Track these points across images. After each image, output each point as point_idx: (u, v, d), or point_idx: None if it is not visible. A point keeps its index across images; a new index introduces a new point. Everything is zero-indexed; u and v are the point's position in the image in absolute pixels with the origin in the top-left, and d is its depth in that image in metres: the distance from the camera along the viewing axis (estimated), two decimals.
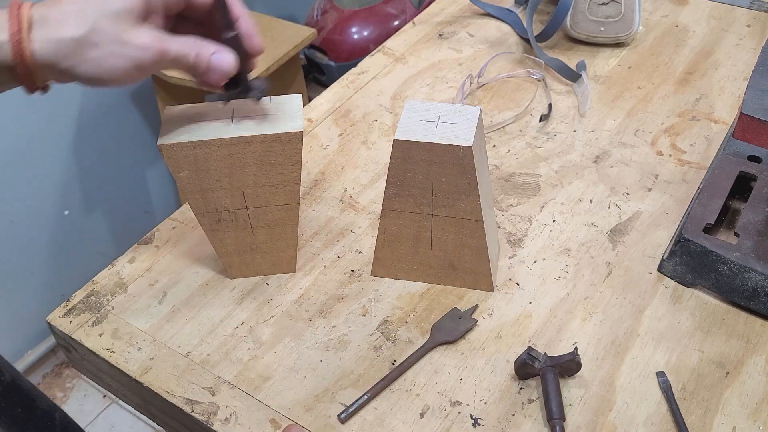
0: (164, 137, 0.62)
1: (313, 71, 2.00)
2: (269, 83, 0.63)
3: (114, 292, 0.74)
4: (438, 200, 0.66)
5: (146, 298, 0.73)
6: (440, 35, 1.10)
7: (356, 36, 1.89)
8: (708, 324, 0.68)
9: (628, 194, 0.82)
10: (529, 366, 0.62)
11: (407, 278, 0.73)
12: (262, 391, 0.64)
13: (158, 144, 0.62)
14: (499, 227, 0.78)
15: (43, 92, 0.56)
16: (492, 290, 0.72)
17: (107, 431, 1.71)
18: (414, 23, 1.13)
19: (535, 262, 0.75)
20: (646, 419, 0.61)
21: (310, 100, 0.99)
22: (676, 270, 0.72)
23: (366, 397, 0.63)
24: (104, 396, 1.77)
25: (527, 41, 1.05)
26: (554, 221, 0.79)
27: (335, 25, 1.90)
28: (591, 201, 0.81)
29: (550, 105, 0.94)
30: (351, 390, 0.64)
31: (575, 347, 0.64)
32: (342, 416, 0.62)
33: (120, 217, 1.86)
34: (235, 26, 0.58)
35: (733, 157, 0.78)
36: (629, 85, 0.98)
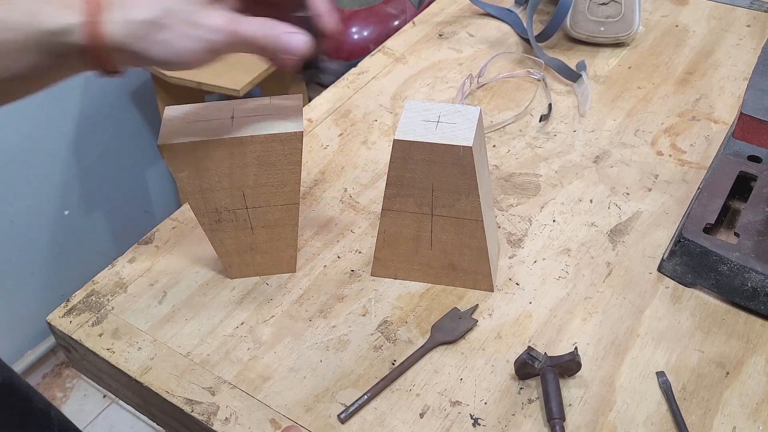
0: (164, 137, 0.62)
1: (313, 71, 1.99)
2: (343, 66, 0.61)
3: (114, 292, 0.74)
4: (438, 200, 0.66)
5: (146, 298, 0.73)
6: (440, 35, 1.10)
7: (356, 36, 1.89)
8: (708, 324, 0.68)
9: (628, 194, 0.82)
10: (529, 366, 0.62)
11: (407, 278, 0.73)
12: (262, 391, 0.64)
13: (158, 144, 0.62)
14: (499, 227, 0.78)
15: (115, 76, 0.54)
16: (492, 290, 0.72)
17: (107, 431, 1.71)
18: (414, 23, 1.13)
19: (535, 262, 0.75)
20: (646, 419, 0.61)
21: (310, 100, 0.99)
22: (676, 270, 0.72)
23: (366, 397, 0.63)
24: (104, 396, 1.77)
25: (527, 41, 1.05)
26: (554, 221, 0.79)
27: None
28: (591, 201, 0.81)
29: (550, 105, 0.94)
30: (351, 390, 0.64)
31: (575, 347, 0.64)
32: (342, 416, 0.62)
33: (120, 217, 1.86)
34: (308, 5, 0.56)
35: (733, 157, 0.78)
36: (629, 85, 0.98)
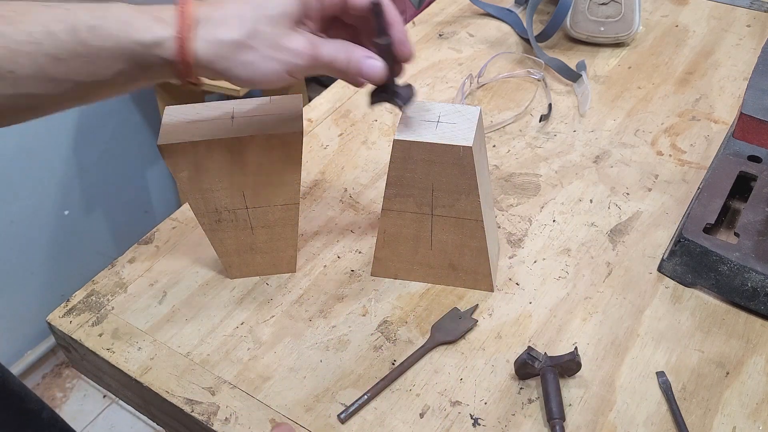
0: (164, 137, 0.62)
1: None
2: (415, 90, 0.62)
3: (114, 292, 0.74)
4: (438, 200, 0.66)
5: (146, 298, 0.73)
6: (440, 35, 1.10)
7: None
8: (708, 324, 0.68)
9: (628, 194, 0.82)
10: (529, 366, 0.62)
11: (407, 278, 0.73)
12: (262, 391, 0.64)
13: (158, 144, 0.62)
14: (499, 227, 0.78)
15: (196, 87, 0.56)
16: (492, 290, 0.72)
17: (107, 431, 1.71)
18: (414, 23, 1.13)
19: (535, 262, 0.75)
20: (646, 419, 0.61)
21: (310, 100, 0.99)
22: (676, 270, 0.72)
23: (366, 397, 0.63)
24: (104, 396, 1.77)
25: (527, 41, 1.05)
26: (554, 221, 0.79)
27: None
28: (591, 201, 0.81)
29: (550, 105, 0.93)
30: (351, 390, 0.64)
31: (575, 347, 0.64)
32: (342, 416, 0.62)
33: (120, 217, 1.86)
34: (389, 32, 0.58)
35: (733, 157, 0.78)
36: (629, 85, 0.98)
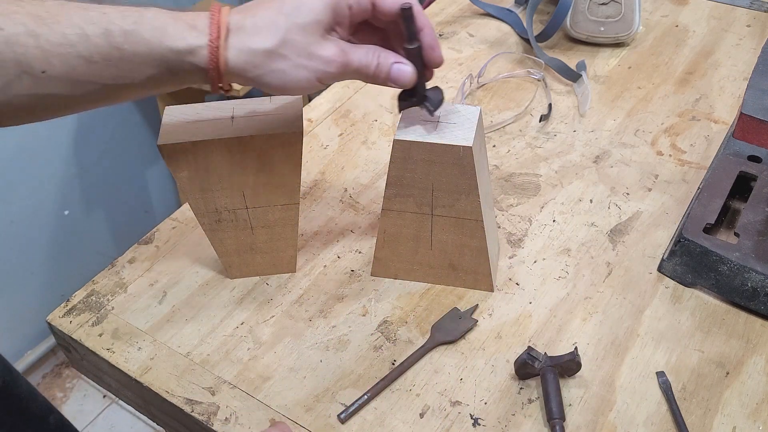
0: (164, 137, 0.62)
1: None
2: (444, 95, 0.62)
3: (114, 292, 0.74)
4: (438, 200, 0.66)
5: (146, 298, 0.73)
6: (440, 35, 1.10)
7: None
8: (708, 324, 0.68)
9: (628, 194, 0.82)
10: (529, 366, 0.62)
11: (407, 278, 0.73)
12: (262, 391, 0.64)
13: (158, 144, 0.62)
14: (499, 227, 0.78)
15: (225, 93, 0.56)
16: (492, 290, 0.72)
17: (107, 431, 1.71)
18: None
19: (535, 262, 0.75)
20: (646, 419, 0.61)
21: (310, 100, 0.99)
22: (676, 270, 0.72)
23: (366, 397, 0.63)
24: (104, 396, 1.77)
25: (527, 41, 1.05)
26: (554, 221, 0.79)
27: None
28: (591, 201, 0.81)
29: (550, 105, 0.93)
30: (351, 390, 0.64)
31: (575, 347, 0.64)
32: (342, 416, 0.62)
33: (120, 217, 1.86)
34: (419, 37, 0.58)
35: (733, 157, 0.78)
36: (629, 85, 0.98)
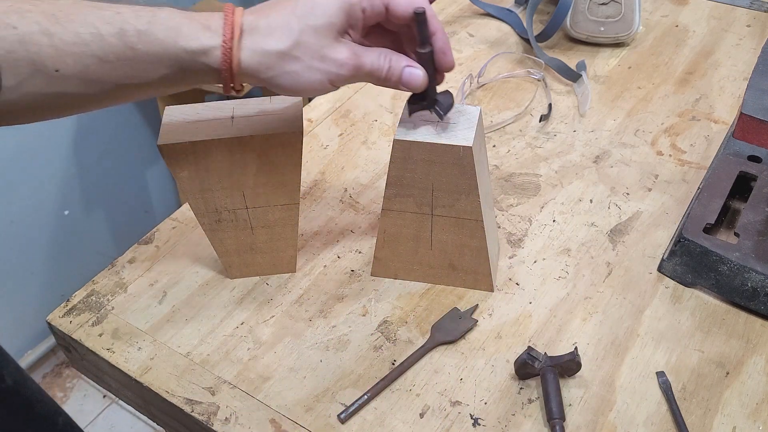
0: (164, 137, 0.62)
1: None
2: (453, 99, 0.62)
3: (114, 292, 0.74)
4: (438, 200, 0.66)
5: (146, 298, 0.73)
6: None
7: None
8: (708, 324, 0.68)
9: (628, 194, 0.82)
10: (529, 366, 0.62)
11: (407, 278, 0.73)
12: (262, 391, 0.64)
13: (158, 144, 0.62)
14: (499, 227, 0.78)
15: (237, 93, 0.57)
16: (492, 290, 0.72)
17: (107, 431, 1.71)
18: None
19: (535, 262, 0.75)
20: (646, 419, 0.61)
21: (310, 101, 0.99)
22: (676, 270, 0.72)
23: (366, 397, 0.63)
24: (104, 396, 1.77)
25: (527, 41, 1.05)
26: (554, 221, 0.79)
27: None
28: (591, 201, 0.81)
29: (550, 105, 0.94)
30: (351, 390, 0.64)
31: (575, 347, 0.64)
32: (342, 416, 0.62)
33: (120, 217, 1.86)
34: (431, 41, 0.58)
35: (733, 157, 0.78)
36: (629, 85, 0.98)
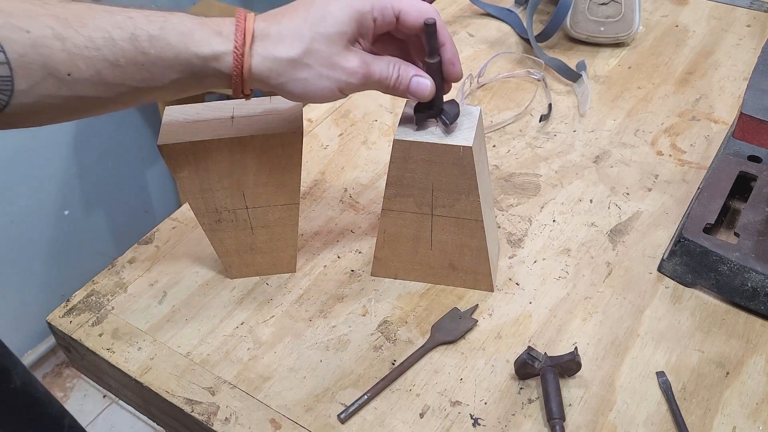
0: (164, 137, 0.62)
1: None
2: (459, 109, 0.62)
3: (114, 292, 0.74)
4: (438, 200, 0.66)
5: (146, 298, 0.73)
6: None
7: None
8: (708, 324, 0.68)
9: (628, 194, 0.82)
10: (529, 366, 0.62)
11: (407, 278, 0.73)
12: (262, 391, 0.64)
13: (158, 144, 0.62)
14: (499, 227, 0.78)
15: (247, 99, 0.57)
16: (492, 290, 0.72)
17: (107, 431, 1.71)
18: None
19: (535, 262, 0.75)
20: (646, 419, 0.61)
21: None
22: (676, 270, 0.72)
23: (366, 397, 0.63)
24: (104, 396, 1.77)
25: (527, 41, 1.05)
26: (554, 221, 0.79)
27: None
28: (591, 201, 0.81)
29: (550, 105, 0.93)
30: (351, 390, 0.64)
31: (575, 347, 0.64)
32: (342, 416, 0.62)
33: (120, 217, 1.86)
34: (440, 52, 0.58)
35: (733, 157, 0.78)
36: (629, 85, 0.98)
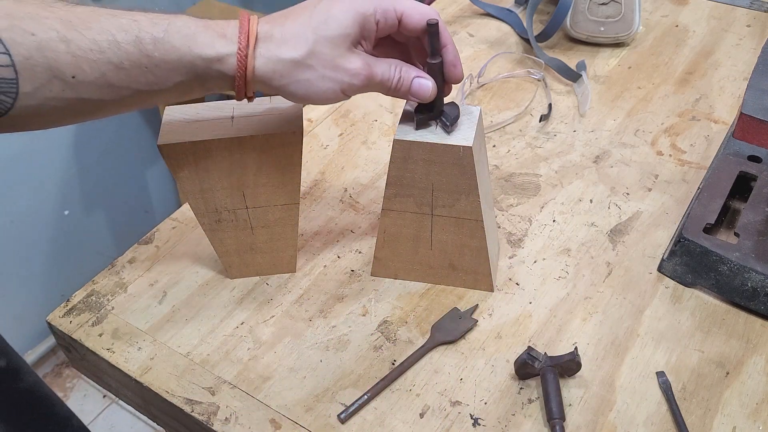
0: (164, 137, 0.62)
1: None
2: (460, 111, 0.62)
3: (114, 292, 0.74)
4: (438, 200, 0.66)
5: (146, 298, 0.73)
6: None
7: None
8: (708, 324, 0.68)
9: (628, 194, 0.82)
10: (529, 366, 0.62)
11: (407, 278, 0.73)
12: (262, 391, 0.64)
13: (158, 144, 0.62)
14: (499, 227, 0.78)
15: (250, 101, 0.58)
16: (492, 290, 0.72)
17: (107, 431, 1.71)
18: None
19: (535, 262, 0.75)
20: (646, 419, 0.61)
21: None
22: (676, 270, 0.72)
23: (366, 397, 0.63)
24: (104, 396, 1.77)
25: (527, 41, 1.05)
26: (554, 221, 0.79)
27: None
28: (591, 201, 0.81)
29: (550, 105, 0.93)
30: (351, 390, 0.64)
31: (575, 347, 0.64)
32: (342, 416, 0.62)
33: (120, 217, 1.86)
34: (441, 53, 0.59)
35: (733, 157, 0.78)
36: (629, 85, 0.98)
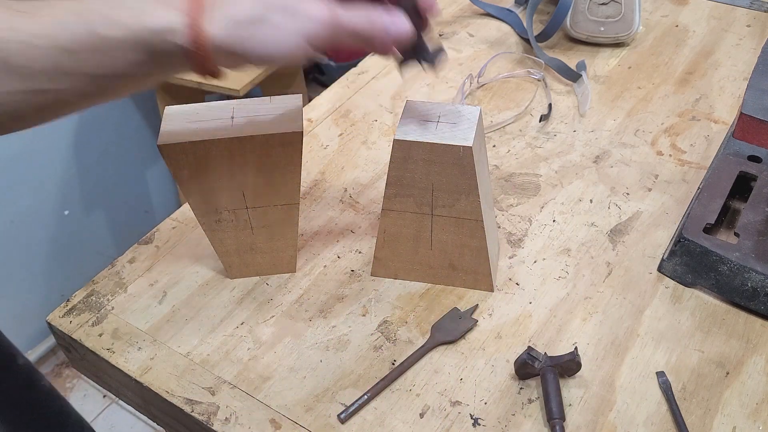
0: (164, 137, 0.62)
1: (313, 71, 2.00)
2: (444, 50, 0.59)
3: (114, 292, 0.74)
4: (438, 200, 0.66)
5: (146, 298, 0.73)
6: (440, 35, 1.10)
7: None
8: (708, 324, 0.68)
9: (628, 194, 0.82)
10: (529, 366, 0.62)
11: (407, 278, 0.73)
12: (262, 391, 0.64)
13: (158, 144, 0.62)
14: (499, 227, 0.78)
15: (215, 78, 0.52)
16: (492, 290, 0.72)
17: (107, 431, 1.71)
18: None
19: (535, 262, 0.75)
20: (646, 419, 0.61)
21: (310, 100, 0.99)
22: (676, 270, 0.72)
23: (366, 397, 0.63)
24: (104, 396, 1.77)
25: (527, 41, 1.05)
26: (554, 221, 0.79)
27: None
28: (591, 201, 0.81)
29: (550, 105, 0.93)
30: (351, 390, 0.64)
31: (575, 347, 0.64)
32: (342, 416, 0.62)
33: (120, 217, 1.86)
34: None
35: (733, 157, 0.78)
36: (629, 85, 0.98)
